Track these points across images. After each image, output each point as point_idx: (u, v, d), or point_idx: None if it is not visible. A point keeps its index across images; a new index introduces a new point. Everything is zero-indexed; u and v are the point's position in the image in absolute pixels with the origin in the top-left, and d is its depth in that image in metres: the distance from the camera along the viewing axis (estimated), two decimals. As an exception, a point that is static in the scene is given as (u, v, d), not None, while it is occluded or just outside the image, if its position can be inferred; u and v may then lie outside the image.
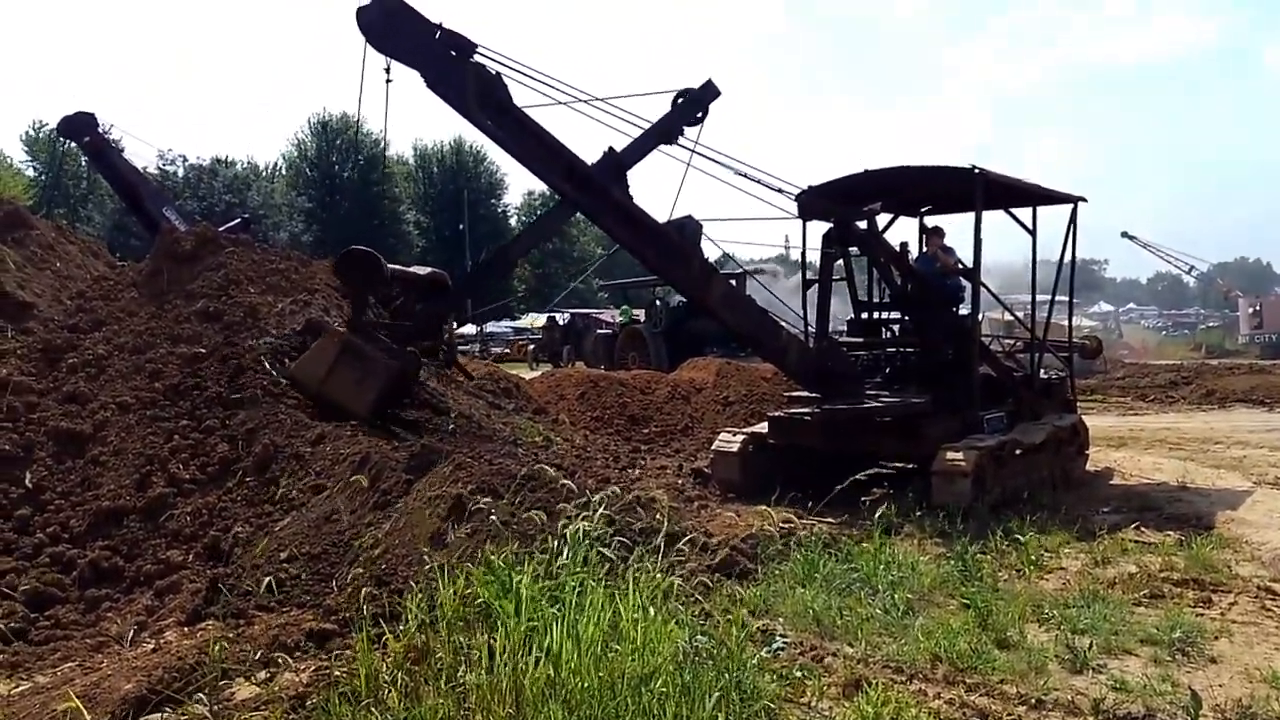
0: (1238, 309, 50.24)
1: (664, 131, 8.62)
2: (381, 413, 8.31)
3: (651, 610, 4.08)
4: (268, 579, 5.28)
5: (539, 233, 15.24)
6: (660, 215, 8.77)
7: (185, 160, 63.08)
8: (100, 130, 19.64)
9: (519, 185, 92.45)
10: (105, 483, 7.16)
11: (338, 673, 4.22)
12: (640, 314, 29.70)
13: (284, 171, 70.89)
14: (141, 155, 53.21)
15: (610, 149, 8.54)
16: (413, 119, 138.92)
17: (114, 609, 6.07)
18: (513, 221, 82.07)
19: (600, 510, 4.66)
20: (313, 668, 4.61)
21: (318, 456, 7.25)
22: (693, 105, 8.63)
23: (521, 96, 8.08)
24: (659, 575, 4.42)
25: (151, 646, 5.14)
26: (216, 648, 4.25)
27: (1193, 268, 47.03)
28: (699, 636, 4.27)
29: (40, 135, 61.04)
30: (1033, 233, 10.61)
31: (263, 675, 4.55)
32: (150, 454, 7.41)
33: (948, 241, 10.80)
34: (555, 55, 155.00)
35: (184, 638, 5.26)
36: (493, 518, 5.19)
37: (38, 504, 6.87)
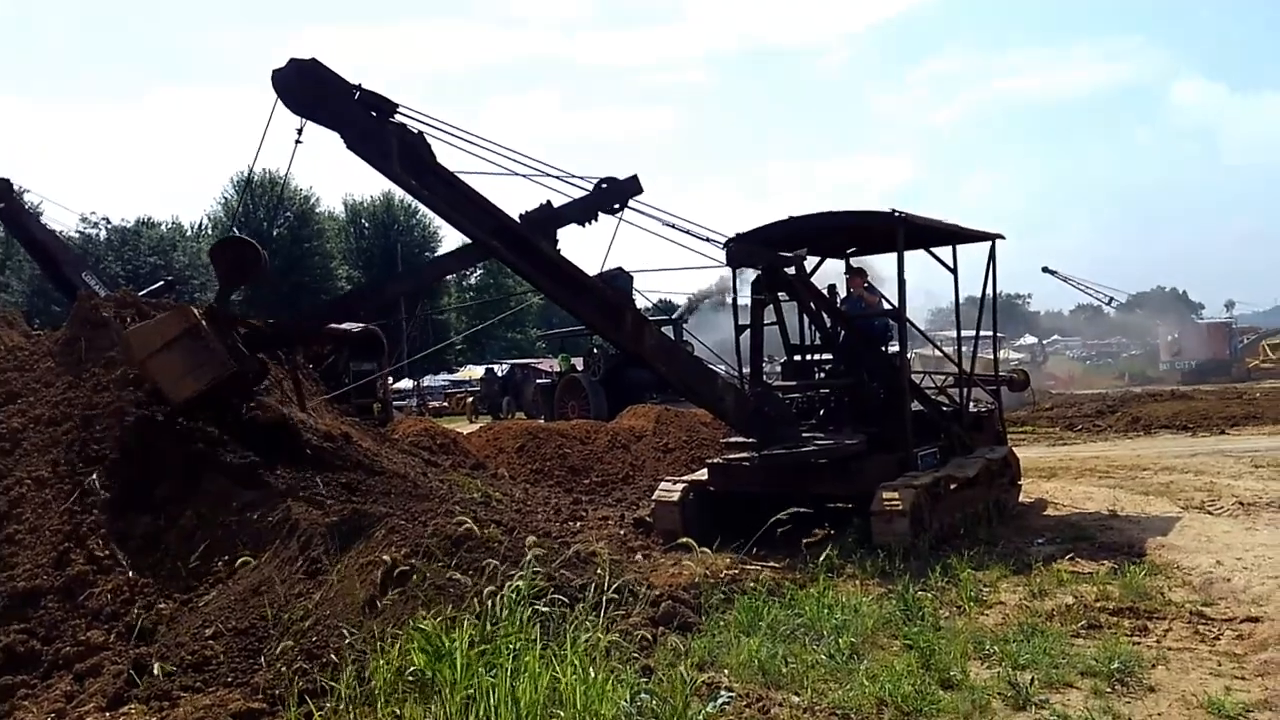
0: (1157, 337, 51.97)
1: (584, 212, 8.63)
2: (196, 410, 7.89)
3: (592, 671, 4.01)
4: (192, 657, 5.05)
5: (435, 271, 14.80)
6: (590, 268, 8.77)
7: (108, 222, 61.70)
8: (15, 194, 19.13)
9: (452, 239, 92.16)
10: (21, 562, 6.82)
11: (267, 755, 4.05)
12: (579, 362, 29.67)
13: (210, 231, 69.67)
14: (61, 220, 52.04)
15: (547, 203, 8.52)
16: (342, 174, 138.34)
17: (30, 696, 5.74)
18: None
19: (537, 568, 4.58)
20: (241, 750, 4.42)
21: (244, 526, 7.01)
22: (614, 195, 8.64)
23: (446, 155, 8.05)
24: (599, 633, 4.35)
25: (69, 736, 4.88)
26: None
27: (1112, 299, 48.53)
28: (642, 695, 4.19)
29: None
30: (954, 271, 10.89)
31: (187, 761, 4.34)
32: (69, 530, 7.09)
33: (874, 282, 11.02)
34: (475, 110, 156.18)
35: (104, 725, 5.01)
36: (427, 582, 5.06)
37: (-53, 588, 6.52)
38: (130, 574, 6.75)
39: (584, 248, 9.50)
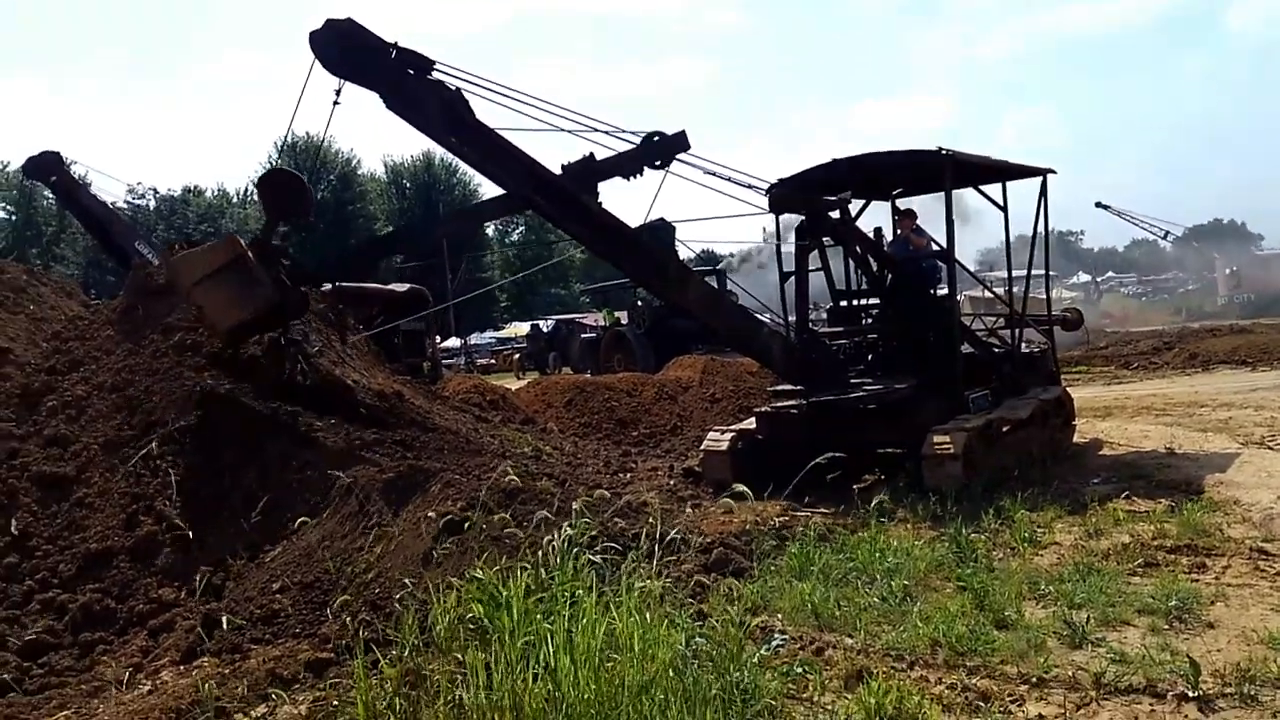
0: (1215, 271, 50.61)
1: (629, 166, 8.57)
2: (239, 340, 8.04)
3: (647, 616, 4.07)
4: (261, 611, 5.23)
5: (479, 215, 14.76)
6: (632, 220, 8.74)
7: (155, 192, 62.77)
8: (66, 168, 19.49)
9: (492, 191, 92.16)
10: (92, 524, 7.08)
11: (335, 702, 4.19)
12: (623, 316, 29.67)
13: (255, 197, 70.48)
14: (110, 191, 52.86)
15: (590, 156, 8.47)
16: (381, 135, 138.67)
17: (108, 652, 6.00)
18: (490, 230, 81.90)
19: (588, 517, 4.65)
20: (311, 699, 4.57)
21: (305, 484, 7.19)
22: (661, 150, 8.56)
23: (483, 111, 8.03)
24: (652, 580, 4.41)
25: (148, 688, 5.09)
26: (210, 686, 4.21)
27: (1168, 233, 47.25)
28: (697, 639, 4.26)
29: (6, 177, 60.57)
30: (1004, 208, 10.67)
31: (260, 710, 4.51)
32: (136, 493, 7.34)
33: (920, 223, 10.84)
34: (516, 64, 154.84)
35: (180, 676, 5.22)
36: (483, 534, 5.16)
37: (25, 550, 6.79)
38: (197, 533, 6.97)
39: (625, 200, 9.43)
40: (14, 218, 60.09)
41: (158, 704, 4.52)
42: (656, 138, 8.55)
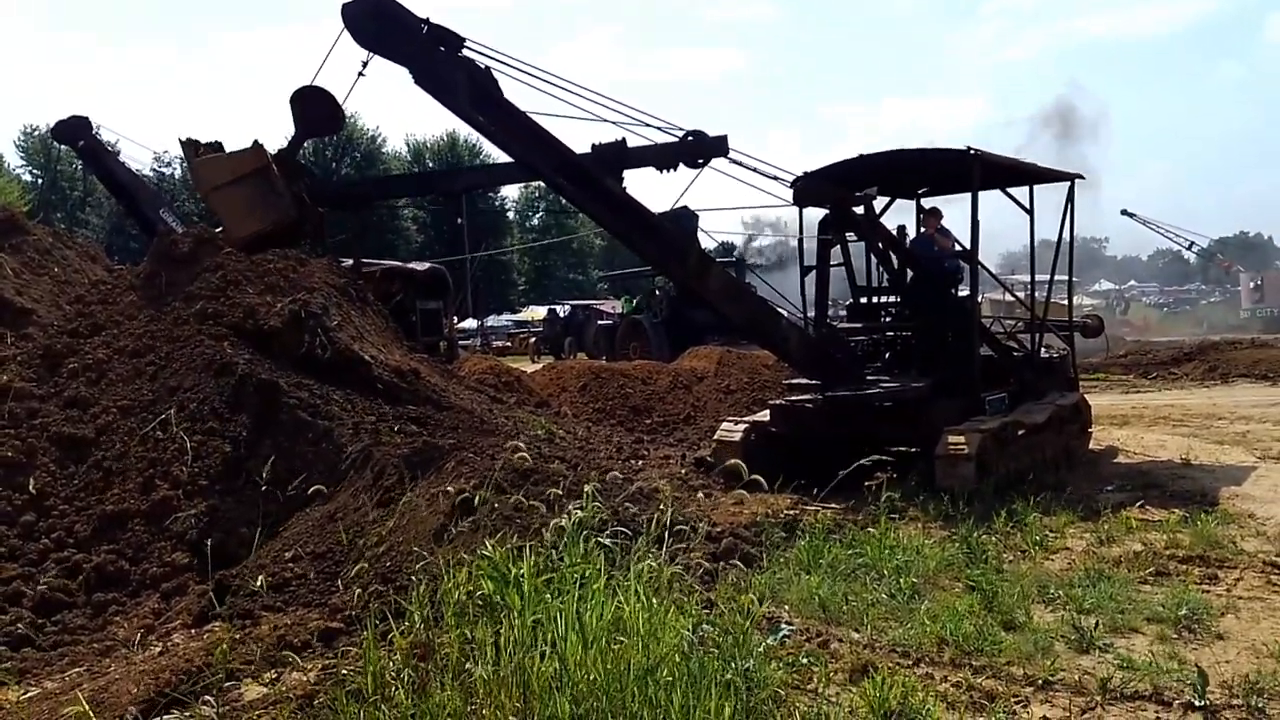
0: (1239, 284, 50.15)
1: (664, 159, 8.54)
2: (254, 250, 8.00)
3: (655, 600, 4.08)
4: (273, 579, 5.28)
5: (504, 176, 14.54)
6: (655, 207, 8.73)
7: (183, 161, 63.04)
8: (95, 133, 19.60)
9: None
10: (109, 487, 7.17)
11: (345, 671, 4.22)
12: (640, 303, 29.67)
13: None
14: (137, 158, 53.31)
15: (622, 141, 8.45)
16: (405, 113, 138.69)
17: (121, 613, 6.08)
18: (510, 215, 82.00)
19: (600, 501, 4.66)
20: (320, 666, 4.62)
21: (320, 456, 7.25)
22: (700, 151, 8.53)
23: (513, 91, 8.03)
24: (662, 565, 4.42)
25: (159, 649, 5.16)
26: (222, 649, 4.25)
27: (1193, 244, 46.81)
28: (704, 625, 4.27)
29: (34, 140, 61.00)
30: (1030, 212, 10.60)
31: (270, 675, 4.56)
32: (153, 457, 7.41)
33: (945, 223, 10.78)
34: (545, 44, 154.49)
35: (191, 640, 5.28)
36: (495, 512, 5.19)
37: (42, 510, 6.88)
38: (212, 499, 7.04)
39: (648, 186, 9.45)
40: (40, 181, 60.57)
41: (168, 665, 4.57)
42: (693, 136, 8.53)
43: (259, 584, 5.40)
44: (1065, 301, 12.70)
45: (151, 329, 8.83)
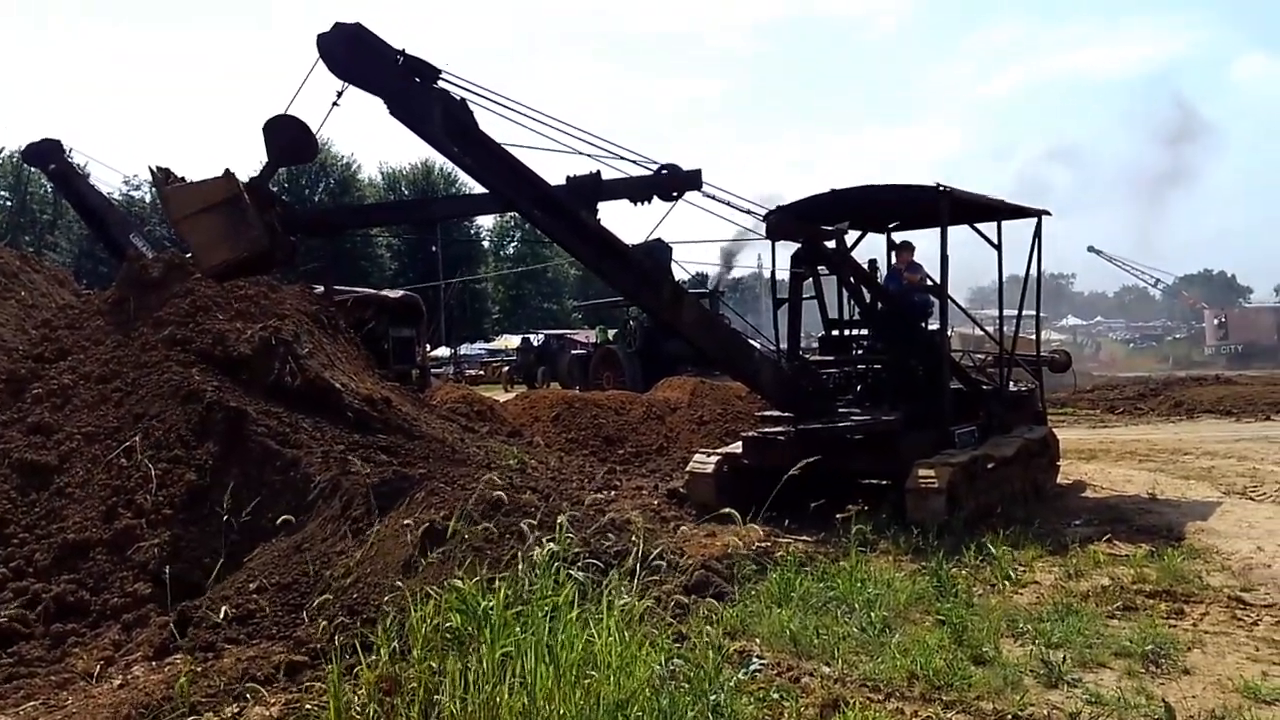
0: (1204, 321, 51.07)
1: (638, 192, 8.59)
2: (225, 279, 8.05)
3: (626, 634, 4.06)
4: (236, 610, 5.19)
5: (479, 206, 14.46)
6: (629, 238, 8.76)
7: (151, 185, 62.52)
8: (66, 156, 19.45)
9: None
10: (71, 515, 7.03)
11: (309, 705, 4.16)
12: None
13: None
14: (107, 181, 52.71)
15: (596, 173, 8.49)
16: (380, 142, 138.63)
17: (80, 644, 5.94)
18: (485, 244, 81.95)
19: (572, 533, 4.64)
20: (284, 701, 4.54)
21: (287, 485, 7.16)
22: (674, 184, 8.58)
23: (489, 124, 8.05)
24: (633, 598, 4.39)
25: (119, 682, 5.04)
26: (183, 682, 4.17)
27: (1159, 281, 47.80)
28: (675, 659, 4.24)
29: (4, 162, 60.31)
30: (998, 247, 10.74)
31: (232, 709, 4.47)
32: (117, 485, 7.29)
33: (916, 258, 10.91)
34: (521, 77, 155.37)
35: (152, 672, 5.17)
36: (465, 544, 5.14)
37: (1, 537, 6.74)
38: (176, 529, 6.92)
39: (623, 217, 9.49)
40: (9, 203, 59.84)
41: (128, 698, 4.48)
42: (666, 170, 8.58)
43: (222, 615, 5.31)
44: (1034, 336, 12.86)
45: (118, 354, 8.72)
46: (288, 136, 7.96)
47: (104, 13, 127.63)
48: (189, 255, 8.44)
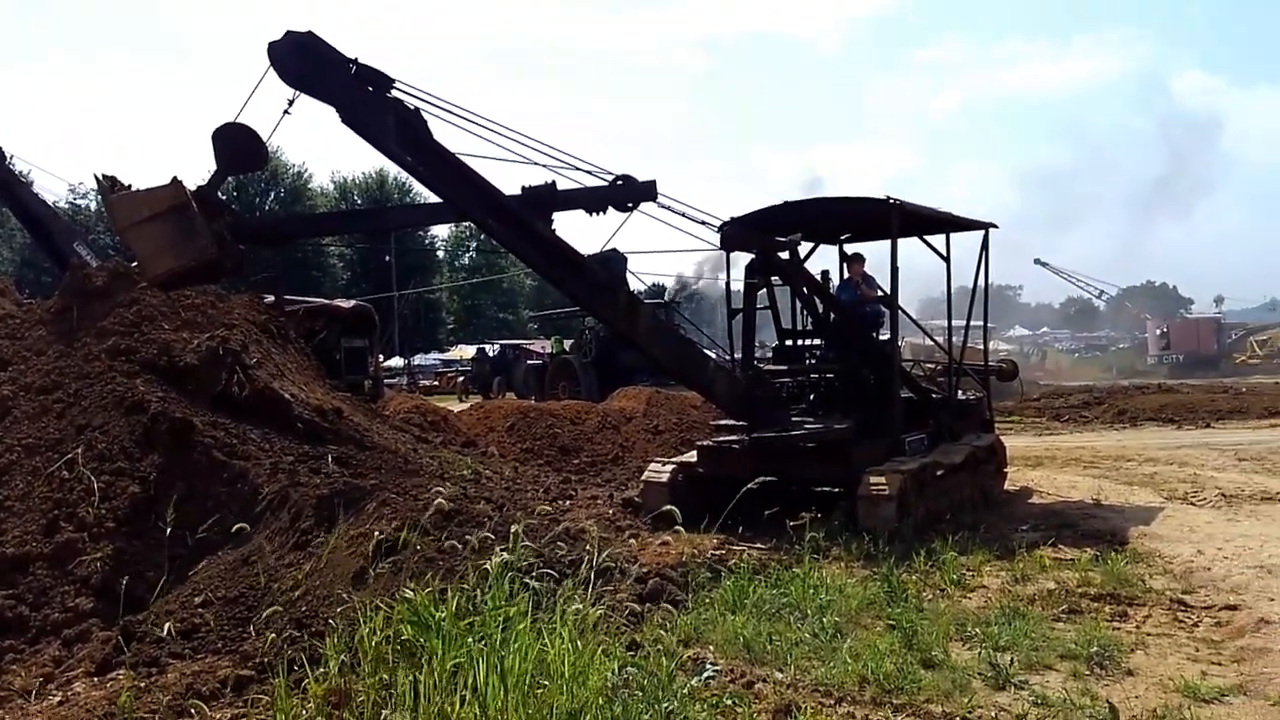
0: (1146, 331, 52.31)
1: (594, 202, 8.59)
2: (171, 288, 7.94)
3: (579, 643, 4.05)
4: (181, 625, 5.08)
5: (435, 216, 14.11)
6: (584, 249, 8.76)
7: (97, 193, 61.26)
8: (9, 163, 18.97)
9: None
10: (10, 529, 6.83)
11: (255, 720, 4.09)
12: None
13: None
14: (52, 189, 51.66)
15: (551, 183, 8.47)
16: (332, 150, 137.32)
17: (18, 661, 5.77)
18: (440, 254, 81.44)
19: (526, 542, 4.62)
20: (229, 716, 4.46)
21: (235, 496, 7.04)
22: (628, 194, 8.59)
23: (443, 134, 8.00)
24: (587, 607, 4.39)
25: (58, 699, 4.91)
26: (126, 699, 4.08)
27: (1103, 292, 48.86)
28: (628, 668, 4.24)
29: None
30: (946, 259, 10.93)
31: (176, 725, 4.37)
32: (58, 498, 7.10)
33: (867, 269, 11.06)
34: (477, 92, 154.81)
35: (93, 689, 5.04)
36: (417, 555, 5.10)
37: (-64, 553, 6.53)
38: (119, 542, 6.77)
39: (577, 227, 9.47)
40: (-53, 211, 58.31)
41: (68, 715, 4.37)
42: (622, 181, 8.60)
43: (166, 630, 5.20)
44: (981, 346, 13.08)
45: (60, 365, 8.52)
46: (237, 144, 7.84)
47: (46, 19, 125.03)
48: (134, 264, 8.27)
